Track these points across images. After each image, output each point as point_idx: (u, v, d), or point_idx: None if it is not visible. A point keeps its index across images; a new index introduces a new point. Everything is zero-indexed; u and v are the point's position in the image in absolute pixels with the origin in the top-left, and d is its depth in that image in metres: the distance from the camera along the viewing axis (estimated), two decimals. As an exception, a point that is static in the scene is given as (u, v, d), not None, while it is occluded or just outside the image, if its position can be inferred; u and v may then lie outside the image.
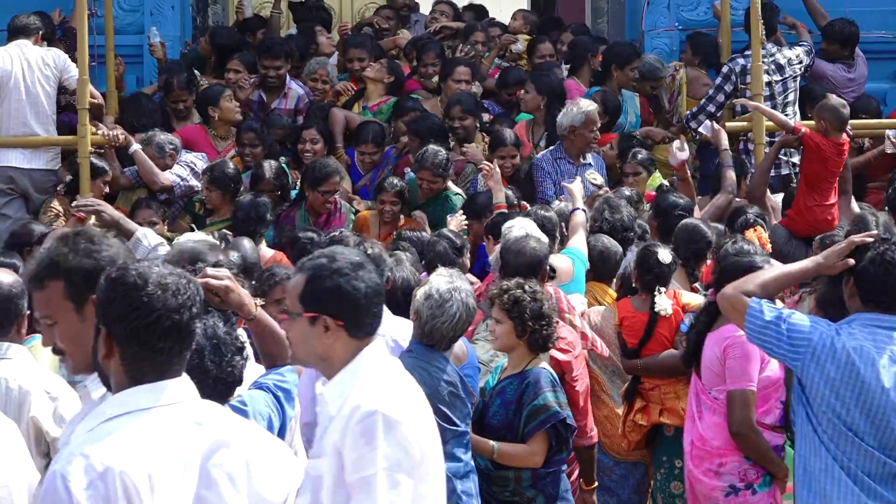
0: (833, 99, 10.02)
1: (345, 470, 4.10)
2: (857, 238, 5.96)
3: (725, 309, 6.11)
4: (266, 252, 8.71)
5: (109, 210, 8.67)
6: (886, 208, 9.59)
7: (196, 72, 11.81)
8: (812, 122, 10.14)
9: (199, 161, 10.53)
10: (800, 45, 11.68)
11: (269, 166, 10.03)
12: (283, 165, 10.37)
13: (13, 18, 10.94)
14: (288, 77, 11.64)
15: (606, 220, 8.58)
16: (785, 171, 10.56)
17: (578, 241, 8.44)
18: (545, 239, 7.68)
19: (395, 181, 9.94)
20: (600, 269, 8.34)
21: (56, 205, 10.16)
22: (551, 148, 10.21)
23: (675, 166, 9.80)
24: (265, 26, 13.10)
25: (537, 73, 10.99)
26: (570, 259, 8.15)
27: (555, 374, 6.56)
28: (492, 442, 6.41)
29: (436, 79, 11.76)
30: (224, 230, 9.11)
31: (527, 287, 6.51)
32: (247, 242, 8.49)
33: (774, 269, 6.41)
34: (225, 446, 3.62)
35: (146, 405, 3.59)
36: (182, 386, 3.66)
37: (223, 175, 9.77)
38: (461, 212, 9.33)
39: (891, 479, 5.65)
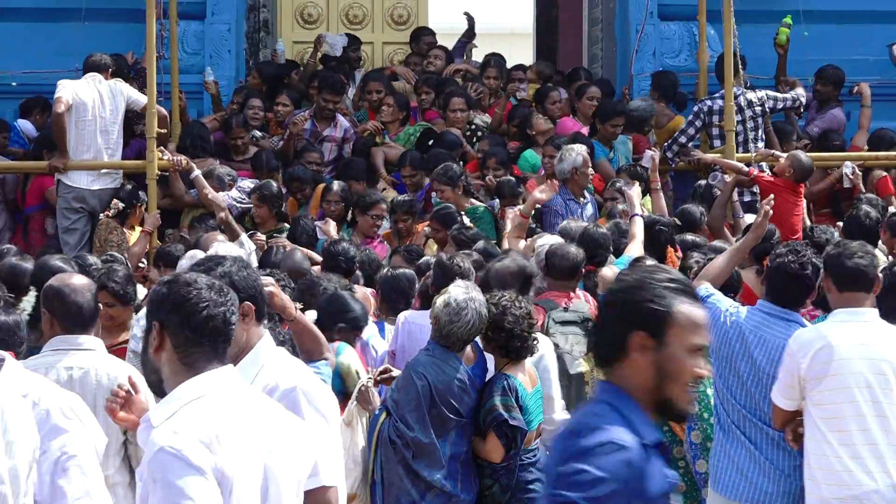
0: (803, 155, 10.17)
1: None
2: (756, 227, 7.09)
3: None
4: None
5: (227, 215, 9.10)
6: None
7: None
8: (779, 159, 10.43)
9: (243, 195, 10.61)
10: (770, 90, 11.68)
11: (337, 184, 10.31)
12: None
13: (87, 57, 11.03)
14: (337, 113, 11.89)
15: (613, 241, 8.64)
16: (748, 199, 10.66)
17: (635, 249, 8.39)
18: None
19: (401, 199, 10.19)
20: None
21: (116, 226, 10.21)
22: (560, 191, 10.06)
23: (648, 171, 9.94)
24: (296, 68, 13.37)
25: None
26: (619, 269, 7.98)
27: (515, 382, 6.34)
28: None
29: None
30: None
31: (502, 301, 6.40)
32: (298, 254, 8.67)
33: (713, 264, 7.01)
34: (271, 415, 3.76)
35: (212, 390, 3.65)
36: (232, 373, 3.76)
37: (270, 194, 9.96)
38: (519, 208, 9.27)
39: (763, 438, 6.17)
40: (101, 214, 10.30)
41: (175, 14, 12.17)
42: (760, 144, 11.15)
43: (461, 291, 6.18)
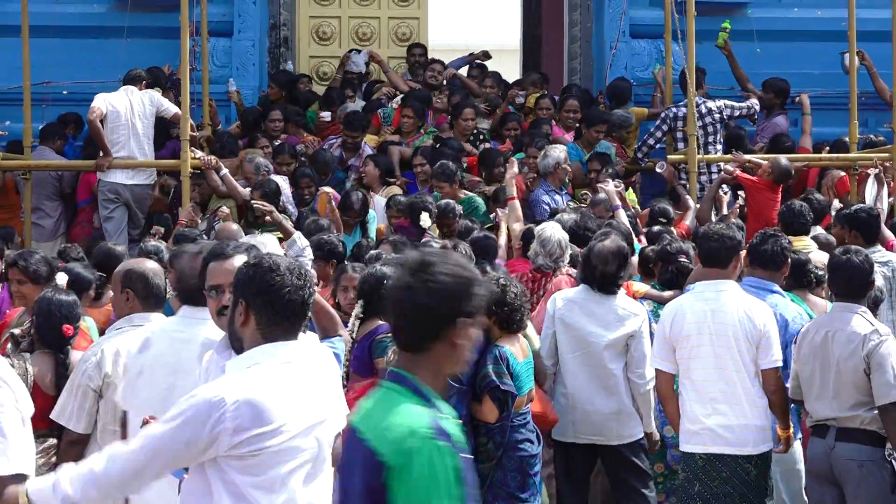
0: (784, 160, 10.27)
1: None
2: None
3: None
4: None
5: (276, 214, 9.03)
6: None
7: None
8: (758, 160, 10.55)
9: (282, 182, 10.70)
10: (728, 99, 11.76)
11: (356, 196, 10.16)
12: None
13: (128, 72, 11.15)
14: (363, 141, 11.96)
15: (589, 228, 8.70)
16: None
17: None
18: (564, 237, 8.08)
19: (398, 199, 10.26)
20: None
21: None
22: (541, 185, 10.50)
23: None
24: (305, 78, 13.47)
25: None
26: None
27: (506, 352, 6.37)
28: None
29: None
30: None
31: (500, 279, 6.50)
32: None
33: (693, 275, 7.30)
34: (325, 392, 3.81)
35: (285, 359, 3.70)
36: (301, 348, 3.79)
37: (269, 191, 9.94)
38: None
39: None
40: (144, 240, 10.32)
41: (206, 32, 12.34)
42: (719, 147, 11.30)
43: None
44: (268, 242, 7.73)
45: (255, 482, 3.56)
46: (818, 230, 9.10)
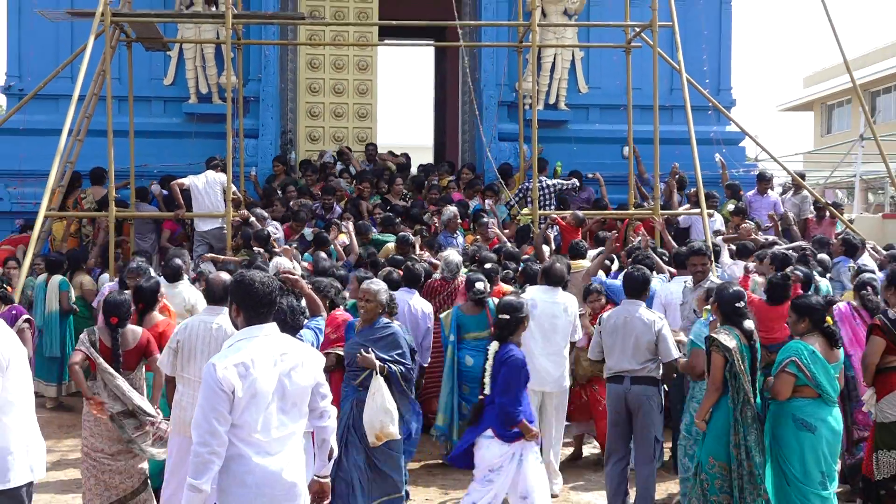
0: (579, 214, 10.69)
1: None
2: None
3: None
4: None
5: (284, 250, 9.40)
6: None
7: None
8: (566, 214, 11.13)
9: (275, 228, 10.83)
10: (563, 179, 12.31)
11: (344, 225, 10.26)
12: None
13: (209, 159, 11.62)
14: (335, 204, 12.30)
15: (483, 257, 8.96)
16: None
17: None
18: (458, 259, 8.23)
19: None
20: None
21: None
22: (443, 231, 10.63)
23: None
24: (310, 167, 13.44)
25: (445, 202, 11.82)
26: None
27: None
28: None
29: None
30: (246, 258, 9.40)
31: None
32: (323, 254, 9.22)
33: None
34: (289, 352, 3.82)
35: (256, 334, 3.75)
36: (273, 327, 3.84)
37: (260, 236, 9.87)
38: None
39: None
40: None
41: (242, 135, 12.64)
42: (553, 207, 11.97)
43: (375, 283, 6.32)
44: (282, 262, 8.12)
45: (239, 415, 3.70)
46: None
